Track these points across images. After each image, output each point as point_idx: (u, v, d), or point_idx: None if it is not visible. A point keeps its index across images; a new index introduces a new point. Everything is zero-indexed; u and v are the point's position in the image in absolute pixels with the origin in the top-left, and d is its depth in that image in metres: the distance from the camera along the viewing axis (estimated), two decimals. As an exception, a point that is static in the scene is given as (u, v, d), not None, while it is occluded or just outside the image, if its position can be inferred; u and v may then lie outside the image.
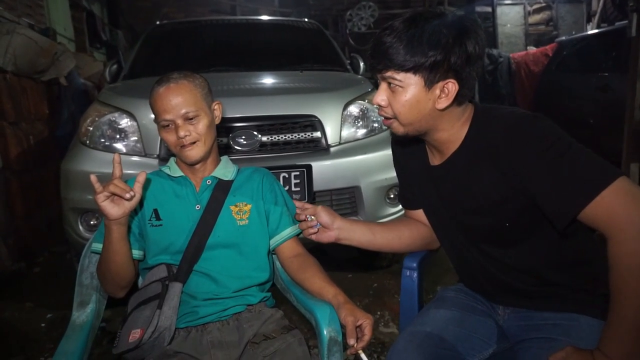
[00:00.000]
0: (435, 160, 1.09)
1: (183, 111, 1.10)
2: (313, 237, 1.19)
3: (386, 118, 1.01)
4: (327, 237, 1.18)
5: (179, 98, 1.10)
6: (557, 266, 1.00)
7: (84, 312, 1.13)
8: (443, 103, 0.95)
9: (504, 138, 0.92)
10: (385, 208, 2.22)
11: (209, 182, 1.20)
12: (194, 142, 1.13)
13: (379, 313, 2.22)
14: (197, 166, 1.19)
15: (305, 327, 1.76)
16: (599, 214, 0.84)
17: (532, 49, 7.11)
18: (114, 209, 0.99)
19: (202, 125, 1.13)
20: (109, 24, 6.61)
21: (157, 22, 3.46)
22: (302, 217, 1.20)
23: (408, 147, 1.16)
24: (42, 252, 3.08)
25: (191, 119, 1.12)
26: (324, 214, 1.17)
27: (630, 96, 3.64)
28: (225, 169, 1.23)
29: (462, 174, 1.02)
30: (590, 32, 6.17)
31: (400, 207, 2.25)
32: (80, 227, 2.00)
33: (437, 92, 0.93)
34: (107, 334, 2.01)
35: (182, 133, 1.11)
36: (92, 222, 2.01)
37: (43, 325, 2.17)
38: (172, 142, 1.13)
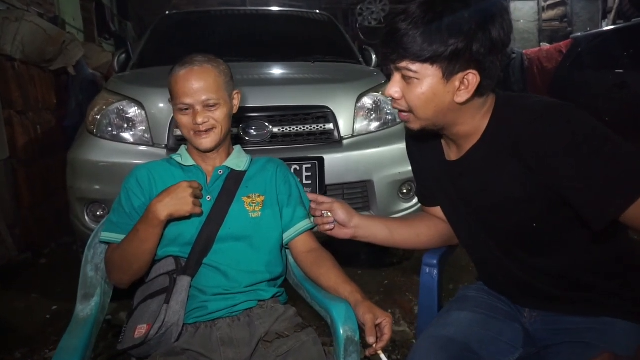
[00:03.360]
0: (452, 155, 1.02)
1: (204, 97, 1.07)
2: (328, 232, 1.15)
3: (401, 111, 0.94)
4: (343, 234, 1.14)
5: (202, 83, 1.07)
6: (590, 268, 0.93)
7: (88, 306, 1.08)
8: (463, 96, 0.86)
9: (530, 130, 0.84)
10: (398, 203, 2.16)
11: (220, 172, 1.15)
12: (210, 129, 1.10)
13: (389, 311, 2.15)
14: (210, 154, 1.15)
15: (317, 325, 1.71)
16: None
17: (545, 46, 7.00)
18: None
19: (220, 113, 1.10)
20: (118, 15, 6.58)
21: (167, 12, 3.42)
22: (318, 212, 1.15)
23: (423, 142, 1.09)
24: (48, 243, 3.06)
25: (211, 106, 1.08)
26: (340, 211, 1.12)
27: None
28: (238, 159, 1.19)
29: (482, 169, 0.94)
30: (607, 28, 6.04)
31: (413, 202, 2.20)
32: (87, 218, 1.97)
33: (457, 84, 0.85)
34: (112, 327, 1.97)
35: (199, 119, 1.07)
36: (98, 213, 1.97)
37: (48, 317, 2.14)
38: (188, 126, 1.10)
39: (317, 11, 3.64)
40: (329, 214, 1.13)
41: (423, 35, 0.81)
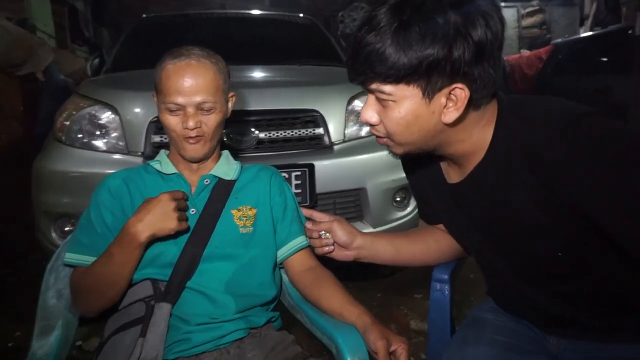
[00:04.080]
0: (453, 176, 0.88)
1: (199, 99, 0.93)
2: (327, 255, 1.02)
3: (379, 137, 0.80)
4: (344, 256, 1.01)
5: (199, 81, 0.93)
6: (630, 291, 0.81)
7: (47, 342, 0.92)
8: (451, 115, 0.71)
9: (549, 145, 0.69)
10: (392, 212, 2.04)
11: (207, 181, 1.01)
12: (200, 136, 0.96)
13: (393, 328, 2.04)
14: (196, 163, 1.01)
15: (319, 354, 1.56)
16: None
17: (525, 52, 7.07)
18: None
19: (214, 119, 0.97)
20: (94, 21, 6.37)
21: (144, 15, 3.26)
22: (315, 234, 1.01)
23: (417, 164, 0.96)
24: (18, 259, 2.84)
25: (205, 110, 0.95)
26: (341, 232, 0.99)
27: (637, 95, 3.55)
28: (227, 167, 1.05)
29: (492, 192, 0.80)
30: (587, 34, 6.14)
31: (408, 210, 2.10)
32: (54, 234, 1.79)
33: (443, 100, 0.71)
34: (83, 354, 1.78)
35: (191, 123, 0.93)
36: (66, 228, 1.80)
37: (10, 344, 1.93)
38: (175, 128, 0.95)
39: (301, 15, 3.53)
40: (328, 234, 1.00)
41: (391, 49, 0.67)
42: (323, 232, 1.00)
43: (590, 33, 6.01)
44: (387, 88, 0.70)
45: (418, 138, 0.75)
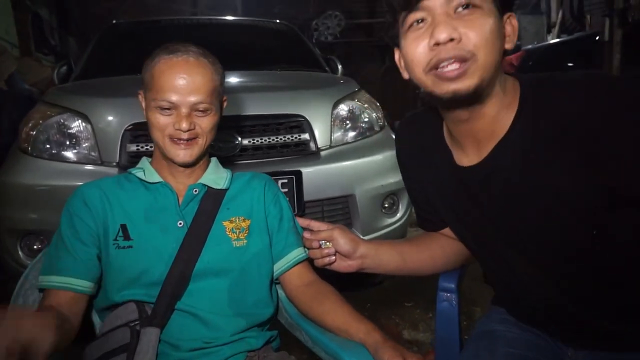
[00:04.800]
0: (466, 158, 0.82)
1: (194, 99, 0.87)
2: (328, 267, 0.94)
3: (460, 60, 0.69)
4: (347, 266, 0.94)
5: (197, 79, 0.87)
6: None
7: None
8: (511, 41, 0.73)
9: (590, 107, 0.67)
10: (382, 218, 2.00)
11: (195, 190, 0.93)
12: (193, 139, 0.89)
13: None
14: (182, 169, 0.93)
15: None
16: None
17: (496, 58, 7.23)
18: None
19: (209, 122, 0.91)
20: (59, 29, 6.14)
21: (114, 21, 3.13)
22: (315, 243, 0.93)
23: (422, 151, 0.91)
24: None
25: (201, 111, 0.88)
26: (343, 240, 0.91)
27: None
28: (217, 175, 0.97)
29: (517, 173, 0.75)
30: (556, 40, 6.34)
31: (397, 217, 2.05)
32: (20, 253, 1.66)
33: (506, 27, 0.73)
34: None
35: (185, 125, 0.86)
36: (35, 247, 1.67)
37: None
38: (165, 129, 0.88)
39: (277, 20, 3.47)
40: (329, 244, 0.92)
41: None
42: (323, 241, 0.93)
43: (559, 40, 6.20)
44: None
45: (494, 61, 0.70)
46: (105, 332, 0.83)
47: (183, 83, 0.86)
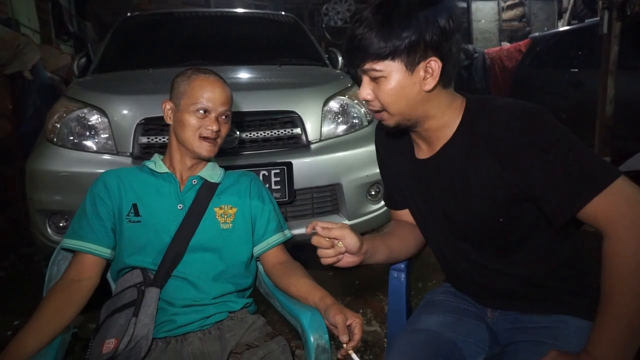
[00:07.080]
0: (422, 153, 1.04)
1: (223, 109, 1.14)
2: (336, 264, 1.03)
3: (376, 112, 0.97)
4: (350, 262, 1.02)
5: (225, 94, 1.15)
6: (548, 268, 0.98)
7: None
8: (430, 83, 0.91)
9: (508, 130, 0.88)
10: (367, 205, 2.18)
11: (194, 181, 1.16)
12: (216, 139, 1.14)
13: (361, 311, 2.20)
14: (189, 163, 1.17)
15: (290, 332, 1.72)
16: (600, 211, 0.82)
17: (506, 45, 7.20)
18: None
19: (227, 127, 1.17)
20: (77, 15, 6.35)
21: (128, 14, 3.32)
22: (325, 243, 0.97)
23: (393, 142, 1.12)
24: (7, 255, 2.93)
25: (225, 117, 1.15)
26: (350, 239, 0.98)
27: (602, 92, 3.72)
28: (212, 171, 1.20)
29: (455, 167, 0.98)
30: (562, 28, 6.28)
31: (381, 204, 2.21)
32: (49, 230, 1.89)
33: (422, 73, 0.90)
34: (79, 341, 1.91)
35: (215, 127, 1.12)
36: (61, 224, 1.90)
37: (9, 333, 2.05)
38: (196, 127, 1.13)
39: (283, 13, 3.63)
40: (340, 243, 0.98)
41: (378, 35, 0.88)
42: (336, 241, 0.97)
43: (567, 27, 6.16)
44: (378, 65, 0.89)
45: (406, 107, 0.93)
46: (118, 292, 1.07)
47: (218, 95, 1.12)
